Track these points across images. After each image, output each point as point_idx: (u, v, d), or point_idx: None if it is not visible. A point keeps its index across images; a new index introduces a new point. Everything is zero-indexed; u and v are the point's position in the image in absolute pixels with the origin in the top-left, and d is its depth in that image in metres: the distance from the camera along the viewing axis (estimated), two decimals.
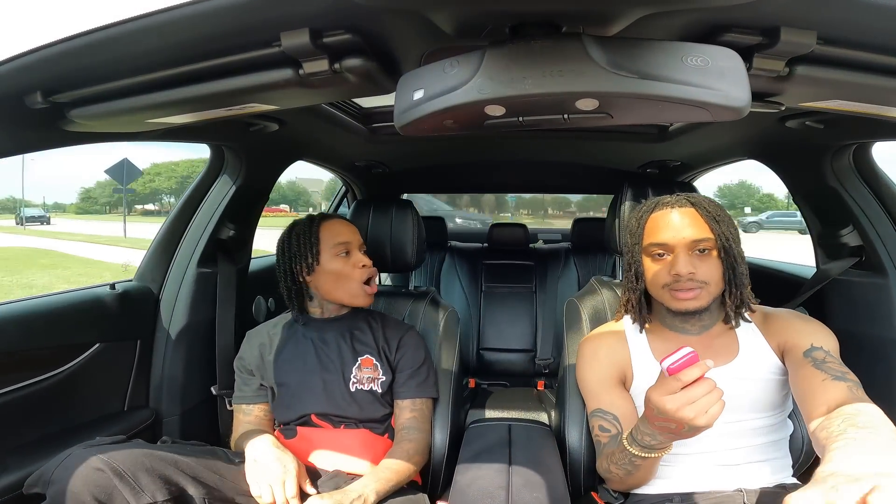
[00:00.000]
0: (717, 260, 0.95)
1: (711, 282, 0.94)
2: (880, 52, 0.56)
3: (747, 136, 1.35)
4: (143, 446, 0.91)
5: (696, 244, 0.94)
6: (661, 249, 0.97)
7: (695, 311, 0.96)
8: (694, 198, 1.00)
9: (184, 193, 1.47)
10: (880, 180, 1.26)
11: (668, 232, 0.96)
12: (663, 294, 0.97)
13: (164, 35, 0.58)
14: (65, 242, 15.84)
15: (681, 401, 0.72)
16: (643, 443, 0.83)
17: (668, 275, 0.95)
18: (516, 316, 2.45)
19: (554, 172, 2.31)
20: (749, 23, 0.54)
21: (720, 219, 0.96)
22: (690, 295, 0.93)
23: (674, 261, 0.94)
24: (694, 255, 0.95)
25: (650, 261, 0.99)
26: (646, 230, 1.00)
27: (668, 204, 0.99)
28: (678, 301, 0.95)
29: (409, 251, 1.40)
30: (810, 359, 0.89)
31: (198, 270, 1.40)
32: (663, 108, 0.54)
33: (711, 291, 0.95)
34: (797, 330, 0.96)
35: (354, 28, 0.59)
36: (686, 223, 0.95)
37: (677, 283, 0.94)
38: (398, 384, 1.18)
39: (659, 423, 0.77)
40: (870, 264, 1.26)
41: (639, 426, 0.84)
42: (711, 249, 0.95)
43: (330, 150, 1.74)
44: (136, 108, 0.77)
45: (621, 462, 0.90)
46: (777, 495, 0.90)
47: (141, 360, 1.32)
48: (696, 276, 0.93)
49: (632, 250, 1.02)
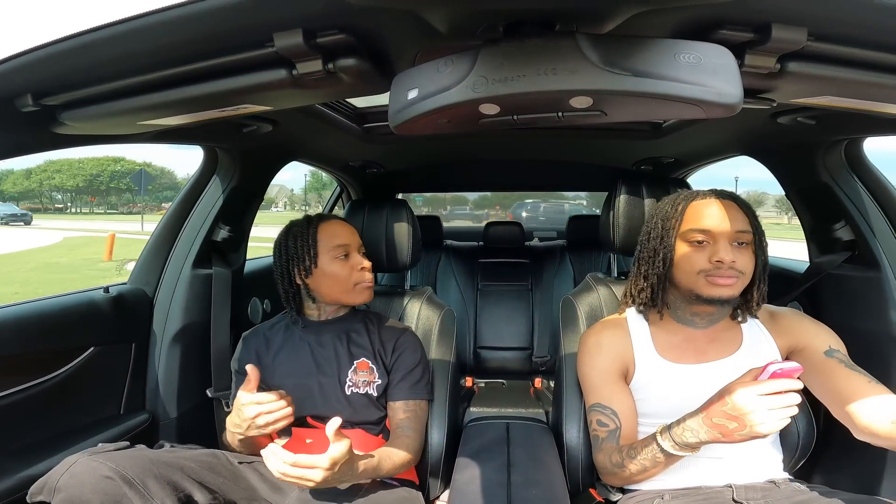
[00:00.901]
0: (752, 253, 0.97)
1: (746, 273, 0.97)
2: (871, 48, 0.57)
3: (740, 132, 1.36)
4: (148, 452, 0.90)
5: (738, 235, 0.96)
6: (702, 236, 0.98)
7: (725, 300, 0.97)
8: (731, 193, 1.03)
9: (178, 195, 1.46)
10: (872, 175, 1.27)
11: (711, 220, 0.97)
12: (697, 280, 0.97)
13: (156, 37, 0.58)
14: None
15: (762, 404, 0.74)
16: (682, 440, 0.84)
17: (707, 261, 0.96)
18: (513, 314, 2.45)
19: (548, 170, 2.32)
20: (741, 20, 0.54)
21: (755, 216, 1.00)
22: (729, 282, 0.95)
23: (715, 248, 0.96)
24: (733, 246, 0.96)
25: (687, 246, 0.99)
26: (686, 216, 1.00)
27: (711, 194, 1.01)
28: (714, 287, 0.95)
29: (405, 251, 1.40)
30: (835, 359, 0.94)
31: (192, 272, 1.39)
32: (656, 105, 0.54)
33: (744, 283, 0.97)
34: (809, 332, 1.00)
35: (348, 28, 0.59)
36: (729, 214, 0.97)
37: (718, 270, 0.95)
38: (391, 385, 1.17)
39: (720, 419, 0.78)
40: (862, 259, 1.27)
41: (685, 424, 0.84)
42: (749, 243, 0.97)
43: (324, 151, 1.74)
44: (128, 111, 0.76)
45: (642, 457, 0.90)
46: (767, 490, 0.92)
47: (136, 364, 1.31)
48: (736, 265, 0.95)
49: (662, 235, 1.02)
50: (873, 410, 0.85)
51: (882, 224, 1.24)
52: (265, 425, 0.97)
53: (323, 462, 0.82)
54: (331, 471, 0.83)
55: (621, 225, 1.31)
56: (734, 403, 0.75)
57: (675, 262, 1.01)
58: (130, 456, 0.86)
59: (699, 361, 1.00)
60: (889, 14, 0.50)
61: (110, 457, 0.84)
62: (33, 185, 52.85)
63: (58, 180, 52.56)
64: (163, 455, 0.90)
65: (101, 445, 0.89)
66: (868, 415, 0.85)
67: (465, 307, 2.45)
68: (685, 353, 1.02)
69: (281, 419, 0.98)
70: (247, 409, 0.97)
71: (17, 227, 26.90)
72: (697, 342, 1.03)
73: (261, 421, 0.97)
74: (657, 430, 0.89)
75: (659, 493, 0.97)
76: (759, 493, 0.91)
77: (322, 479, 0.83)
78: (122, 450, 0.88)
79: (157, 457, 0.89)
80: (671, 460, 0.87)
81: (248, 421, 0.97)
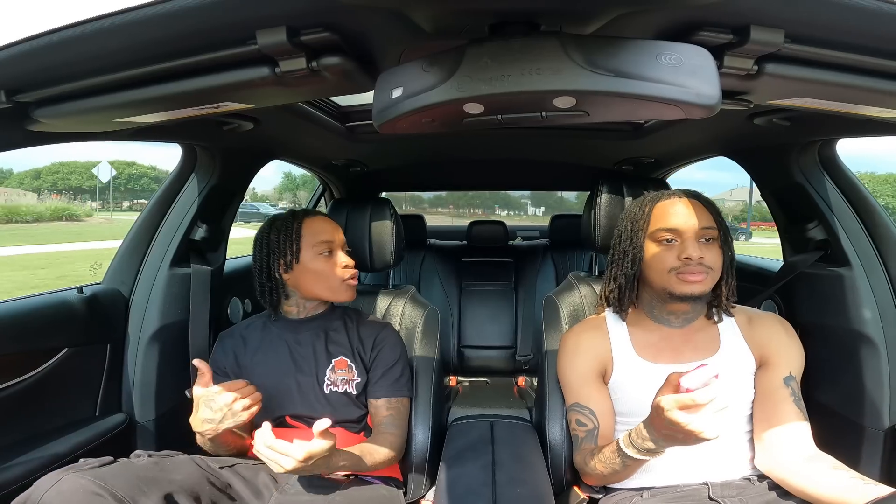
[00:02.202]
0: (719, 249, 1.00)
1: (715, 268, 0.99)
2: (845, 50, 0.58)
3: (718, 133, 1.39)
4: (134, 467, 0.87)
5: (704, 232, 0.99)
6: (670, 235, 1.00)
7: (697, 297, 0.99)
8: (695, 192, 1.06)
9: (154, 193, 1.43)
10: (844, 176, 1.31)
11: (678, 218, 1.00)
12: (668, 278, 0.99)
13: (135, 34, 0.57)
14: None
15: (692, 416, 0.74)
16: (643, 447, 0.84)
17: (676, 259, 0.98)
18: (496, 313, 2.46)
19: (531, 170, 2.33)
20: (721, 21, 0.55)
21: (719, 213, 1.03)
22: (699, 278, 0.97)
23: (683, 246, 0.98)
24: (700, 243, 0.98)
25: (656, 246, 1.02)
26: (653, 217, 1.03)
27: (675, 194, 1.04)
28: (685, 284, 0.97)
29: (388, 250, 1.39)
30: (789, 390, 0.97)
31: (170, 272, 1.36)
32: (638, 105, 0.55)
33: (714, 278, 0.99)
34: (779, 349, 1.02)
35: (333, 26, 0.59)
36: (694, 212, 1.00)
37: (686, 267, 0.97)
38: (371, 383, 1.16)
39: (667, 431, 0.79)
40: (835, 258, 1.30)
41: (641, 432, 0.85)
42: (715, 239, 1.00)
43: (306, 149, 1.72)
44: (104, 108, 0.74)
45: (610, 462, 0.92)
46: (742, 488, 0.94)
47: (112, 365, 1.28)
48: (704, 261, 0.97)
49: (631, 236, 1.05)
50: (786, 454, 0.92)
51: (854, 224, 1.28)
52: (242, 410, 0.95)
53: (298, 453, 0.82)
54: (304, 463, 0.83)
55: (602, 224, 1.33)
56: (669, 418, 0.76)
57: (646, 262, 1.03)
58: (117, 472, 0.83)
59: (676, 361, 1.02)
60: (862, 16, 0.51)
61: (97, 473, 0.81)
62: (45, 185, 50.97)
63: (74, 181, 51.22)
64: (149, 469, 0.87)
65: (83, 461, 0.85)
66: (778, 455, 0.93)
67: (448, 306, 2.46)
68: (662, 352, 1.04)
69: (254, 403, 0.97)
70: (220, 398, 0.95)
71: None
72: (674, 341, 1.04)
73: (238, 406, 0.95)
74: (622, 437, 0.90)
75: (638, 492, 0.98)
76: (734, 491, 0.93)
77: (293, 468, 0.83)
78: (107, 465, 0.85)
79: (145, 472, 0.86)
80: (638, 464, 0.88)
81: (222, 410, 0.94)
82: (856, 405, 1.22)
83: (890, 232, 1.25)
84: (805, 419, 0.96)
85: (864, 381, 1.21)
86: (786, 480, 0.90)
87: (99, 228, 20.44)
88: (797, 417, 0.95)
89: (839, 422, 1.25)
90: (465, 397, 2.10)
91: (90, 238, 15.23)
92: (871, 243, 1.26)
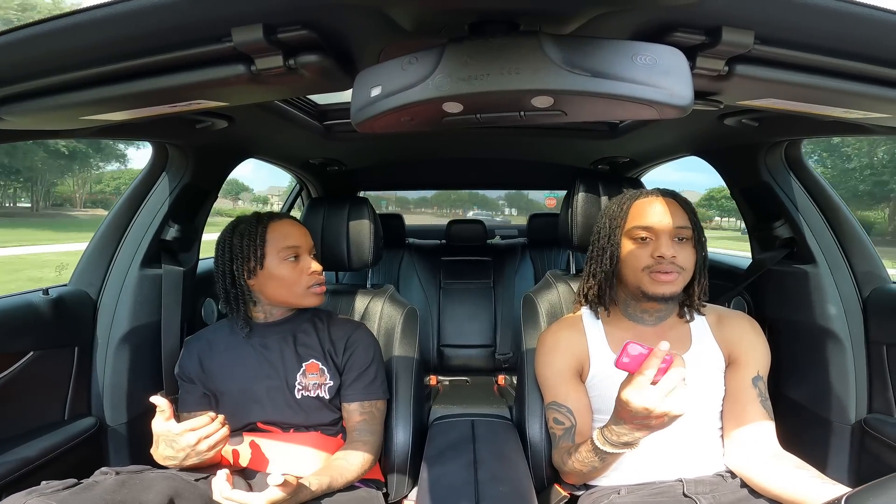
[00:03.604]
0: (692, 249, 1.01)
1: (687, 268, 1.00)
2: (811, 52, 0.60)
3: (690, 133, 1.42)
4: (98, 489, 0.81)
5: (678, 231, 1.00)
6: (645, 233, 1.01)
7: (669, 297, 1.00)
8: (672, 192, 1.07)
9: (123, 192, 1.39)
10: (809, 175, 1.35)
11: (653, 217, 1.01)
12: (642, 277, 1.01)
13: (105, 30, 0.55)
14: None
15: (657, 396, 0.75)
16: (618, 441, 0.85)
17: (649, 257, 0.99)
18: (475, 312, 2.47)
19: (509, 169, 2.35)
20: (694, 22, 0.57)
21: (694, 213, 1.04)
22: (670, 278, 0.98)
23: (657, 244, 0.99)
24: (674, 242, 1.00)
25: (631, 243, 1.03)
26: (630, 215, 1.04)
27: (653, 193, 1.05)
28: (656, 284, 0.99)
29: (367, 249, 1.38)
30: (757, 391, 1.00)
31: (140, 273, 1.32)
32: (614, 105, 0.56)
33: (685, 278, 1.01)
34: (747, 349, 1.04)
35: (311, 24, 0.58)
36: (670, 211, 1.01)
37: (659, 265, 0.98)
38: (344, 386, 1.13)
39: (638, 421, 0.80)
40: (800, 255, 1.35)
41: (612, 428, 0.86)
42: (689, 239, 1.01)
43: (283, 148, 1.69)
44: (70, 105, 0.71)
45: (587, 460, 0.92)
46: (715, 484, 0.96)
47: (80, 368, 1.24)
48: (676, 260, 0.98)
49: (609, 234, 1.06)
50: (752, 453, 0.95)
51: (818, 222, 1.32)
52: (208, 449, 0.92)
53: (258, 501, 0.81)
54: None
55: (579, 223, 1.34)
56: (636, 409, 0.77)
57: (621, 260, 1.04)
58: (82, 496, 0.78)
59: None
60: (827, 18, 0.53)
61: (60, 498, 0.76)
62: (108, 189, 48.38)
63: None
64: (116, 491, 0.82)
65: (45, 484, 0.80)
66: (745, 454, 0.96)
67: (427, 305, 2.45)
68: None
69: (220, 441, 0.93)
70: (183, 439, 0.90)
71: None
72: (647, 339, 1.06)
73: (203, 446, 0.91)
74: (595, 434, 0.90)
75: (615, 489, 1.00)
76: (707, 487, 0.95)
77: None
78: (71, 487, 0.80)
79: (111, 495, 0.80)
80: (614, 458, 0.90)
81: (185, 450, 0.91)
82: (823, 400, 1.26)
83: (854, 230, 1.30)
84: (771, 419, 0.99)
85: (829, 376, 1.25)
86: (751, 479, 0.93)
87: None
88: (763, 417, 0.98)
89: (807, 417, 1.29)
90: (445, 396, 2.11)
91: None
92: (836, 241, 1.30)
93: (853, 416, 1.22)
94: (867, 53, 0.60)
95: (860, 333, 1.25)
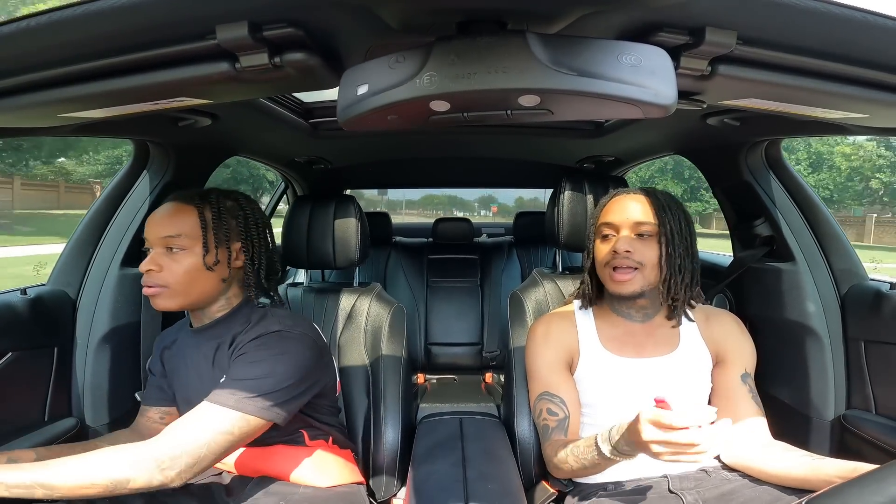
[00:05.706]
0: (656, 245, 1.00)
1: (647, 265, 1.00)
2: (792, 52, 0.61)
3: (673, 132, 1.44)
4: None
5: (639, 226, 1.01)
6: (608, 230, 1.03)
7: (630, 296, 1.02)
8: (650, 188, 1.07)
9: (102, 192, 1.36)
10: (789, 174, 1.38)
11: (615, 214, 1.03)
12: (605, 273, 1.03)
13: (85, 27, 0.54)
14: None
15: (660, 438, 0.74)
16: (620, 449, 0.84)
17: (610, 252, 1.01)
18: (462, 310, 2.48)
19: (496, 168, 2.36)
20: (679, 22, 0.57)
21: (669, 209, 1.02)
22: (627, 277, 0.99)
23: (616, 239, 1.01)
24: (635, 238, 1.01)
25: (599, 241, 1.06)
26: (602, 213, 1.07)
27: (625, 191, 1.07)
28: (615, 283, 1.01)
29: (353, 247, 1.38)
30: (746, 387, 1.02)
31: (121, 272, 1.30)
32: (599, 104, 0.56)
33: (646, 276, 1.00)
34: (734, 348, 1.06)
35: (297, 21, 0.57)
36: (634, 207, 1.02)
37: (615, 261, 1.00)
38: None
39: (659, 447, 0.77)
40: (780, 253, 1.37)
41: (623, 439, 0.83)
42: (653, 235, 1.01)
43: (268, 146, 1.67)
44: (47, 103, 0.70)
45: (584, 457, 0.91)
46: (699, 480, 0.97)
47: (60, 368, 1.22)
48: (632, 255, 0.99)
49: (589, 233, 1.10)
50: (746, 445, 0.97)
51: (797, 220, 1.35)
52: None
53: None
54: None
55: (565, 221, 1.35)
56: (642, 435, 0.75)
57: (595, 257, 1.07)
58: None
59: (638, 356, 1.05)
60: (808, 19, 0.54)
61: None
62: None
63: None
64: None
65: None
66: (740, 447, 0.98)
67: (415, 304, 2.45)
68: (626, 345, 1.06)
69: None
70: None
71: None
72: (637, 336, 1.07)
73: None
74: (597, 435, 0.89)
75: (602, 486, 1.01)
76: (691, 483, 0.96)
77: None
78: None
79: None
80: (609, 463, 0.89)
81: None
82: (802, 396, 1.28)
83: (832, 228, 1.33)
84: (762, 414, 1.01)
85: (809, 372, 1.27)
86: (748, 466, 0.95)
87: None
88: (755, 413, 1.00)
89: (788, 413, 1.31)
90: (433, 394, 2.11)
91: None
92: (815, 239, 1.33)
93: (832, 413, 1.25)
94: (847, 54, 0.61)
95: (838, 330, 1.27)
